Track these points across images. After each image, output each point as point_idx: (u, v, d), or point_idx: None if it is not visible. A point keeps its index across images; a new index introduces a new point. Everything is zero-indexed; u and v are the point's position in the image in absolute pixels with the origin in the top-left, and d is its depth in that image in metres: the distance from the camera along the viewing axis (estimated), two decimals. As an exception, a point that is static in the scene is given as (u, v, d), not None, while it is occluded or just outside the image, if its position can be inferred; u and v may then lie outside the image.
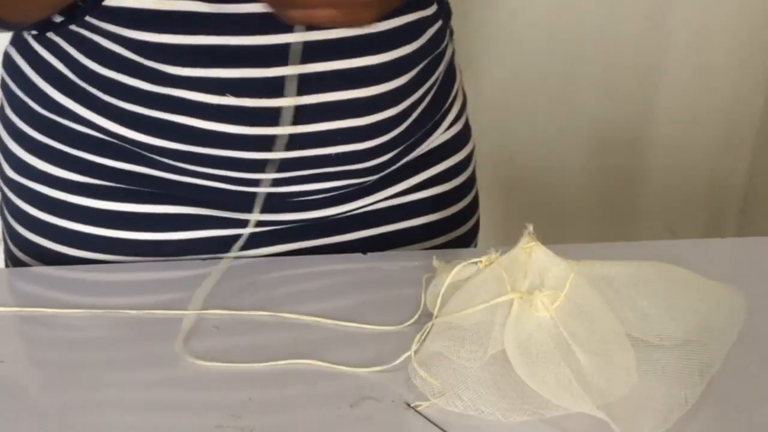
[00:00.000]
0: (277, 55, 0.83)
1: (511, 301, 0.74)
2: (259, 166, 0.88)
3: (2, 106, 0.97)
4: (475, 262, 0.77)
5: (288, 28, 0.83)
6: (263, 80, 0.84)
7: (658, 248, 0.94)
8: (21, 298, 0.86)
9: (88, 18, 0.85)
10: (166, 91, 0.85)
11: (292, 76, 0.83)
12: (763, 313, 0.83)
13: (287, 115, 0.84)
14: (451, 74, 1.00)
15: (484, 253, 0.77)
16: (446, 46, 0.98)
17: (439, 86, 0.97)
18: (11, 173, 0.95)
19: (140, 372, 0.75)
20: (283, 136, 0.86)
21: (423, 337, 0.76)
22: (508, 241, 0.79)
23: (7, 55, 0.95)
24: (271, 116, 0.85)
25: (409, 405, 0.71)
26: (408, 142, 0.95)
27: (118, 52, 0.85)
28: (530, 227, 0.75)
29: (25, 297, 0.86)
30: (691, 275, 0.79)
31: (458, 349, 0.73)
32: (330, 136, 0.87)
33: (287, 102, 0.84)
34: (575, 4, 1.83)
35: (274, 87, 0.84)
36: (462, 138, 1.03)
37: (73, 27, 0.87)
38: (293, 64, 0.83)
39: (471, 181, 1.05)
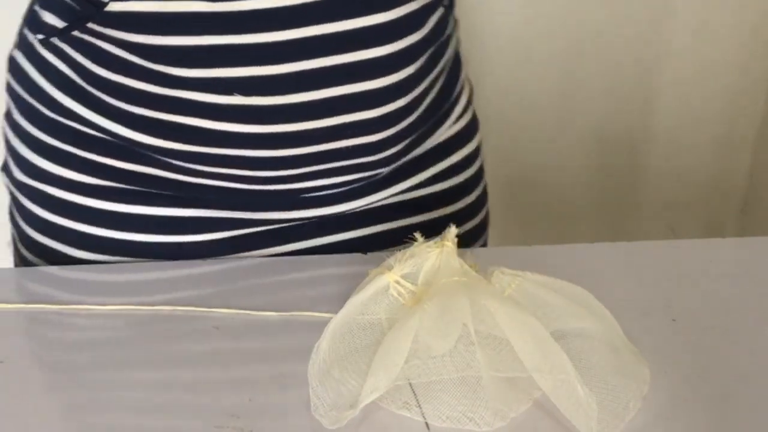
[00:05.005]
0: (284, 51, 0.83)
1: None
2: (271, 163, 0.88)
3: (9, 110, 0.97)
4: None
5: (294, 24, 0.82)
6: (271, 77, 0.84)
7: (658, 248, 0.94)
8: (27, 297, 0.86)
9: (90, 24, 0.85)
10: (174, 94, 0.85)
11: None
12: (763, 313, 0.83)
13: None
14: (457, 63, 1.01)
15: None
16: (451, 34, 0.98)
17: (447, 75, 0.97)
18: (20, 175, 0.95)
19: (140, 372, 0.75)
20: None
21: None
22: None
23: (12, 60, 0.95)
24: (281, 113, 0.85)
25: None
26: (418, 132, 0.95)
27: (124, 56, 0.85)
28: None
29: (31, 296, 0.86)
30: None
31: None
32: (341, 130, 0.87)
33: (296, 99, 0.84)
34: (575, 4, 1.83)
35: (283, 84, 0.84)
36: (471, 129, 1.03)
37: (77, 33, 0.87)
38: None
39: (480, 173, 1.05)
